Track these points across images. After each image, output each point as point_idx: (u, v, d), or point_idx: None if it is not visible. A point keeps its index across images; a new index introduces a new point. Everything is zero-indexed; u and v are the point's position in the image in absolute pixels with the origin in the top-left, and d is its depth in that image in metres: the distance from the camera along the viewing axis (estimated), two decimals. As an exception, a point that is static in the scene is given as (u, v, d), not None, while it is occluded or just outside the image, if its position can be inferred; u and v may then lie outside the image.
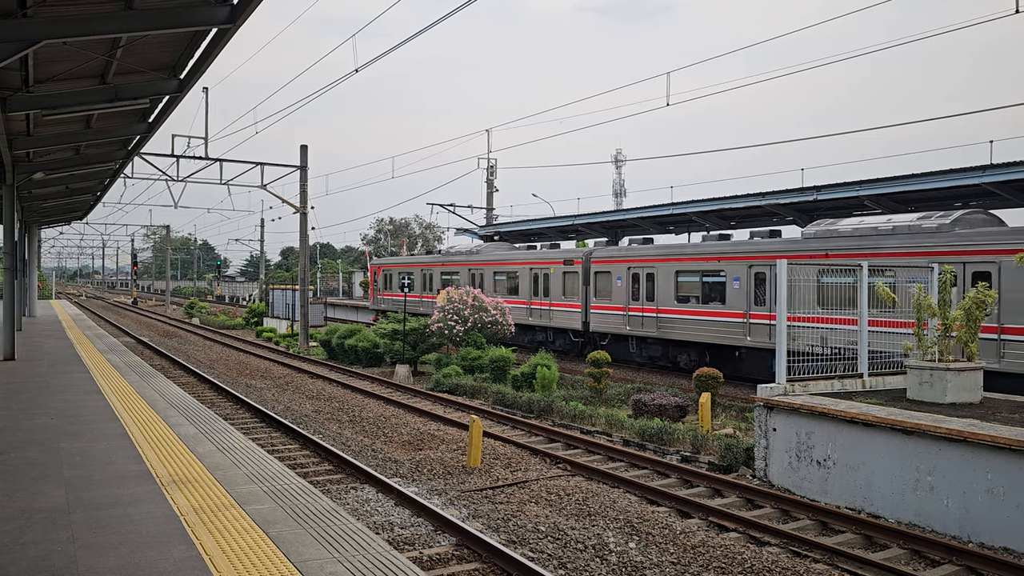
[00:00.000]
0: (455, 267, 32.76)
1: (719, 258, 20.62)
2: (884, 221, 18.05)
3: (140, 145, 19.76)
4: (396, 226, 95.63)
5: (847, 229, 18.38)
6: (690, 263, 21.56)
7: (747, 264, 19.74)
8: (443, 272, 33.66)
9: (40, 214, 36.82)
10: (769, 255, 19.12)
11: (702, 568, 8.12)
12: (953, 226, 16.51)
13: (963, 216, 16.77)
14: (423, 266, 35.67)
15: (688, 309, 21.43)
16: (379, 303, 39.50)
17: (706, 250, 21.40)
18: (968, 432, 9.15)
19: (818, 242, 18.45)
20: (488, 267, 30.45)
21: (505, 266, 29.44)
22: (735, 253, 20.23)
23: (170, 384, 14.94)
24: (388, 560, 5.68)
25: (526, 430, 15.36)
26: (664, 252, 22.80)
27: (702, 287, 21.16)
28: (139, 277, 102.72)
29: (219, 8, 9.79)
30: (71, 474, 7.88)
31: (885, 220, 18.12)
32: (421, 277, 35.47)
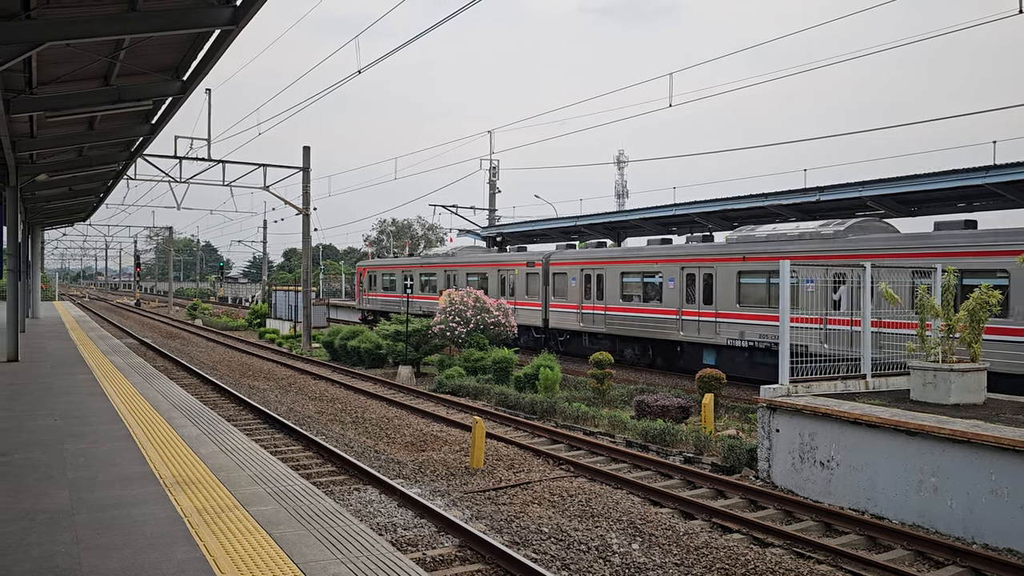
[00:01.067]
0: (433, 268, 34.76)
1: (656, 260, 22.68)
2: (792, 228, 19.97)
3: (143, 147, 19.80)
4: (399, 227, 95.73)
5: (762, 235, 20.30)
6: (633, 265, 23.60)
7: (680, 266, 21.68)
8: (422, 273, 35.72)
9: (43, 215, 36.89)
10: (698, 258, 21.24)
11: (705, 569, 8.11)
12: (847, 232, 18.41)
13: (857, 224, 18.70)
14: (404, 268, 37.56)
15: (631, 307, 23.37)
16: (364, 302, 41.64)
17: (646, 253, 23.43)
18: (972, 433, 9.14)
19: (738, 246, 20.32)
20: (461, 268, 32.25)
21: (476, 267, 31.39)
22: (669, 256, 22.30)
23: (173, 385, 14.95)
24: (391, 561, 5.68)
25: (529, 431, 15.35)
26: (611, 255, 24.90)
27: (643, 287, 23.20)
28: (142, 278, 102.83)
29: (222, 10, 9.81)
30: (75, 475, 7.88)
31: (794, 227, 20.02)
32: (402, 278, 37.10)
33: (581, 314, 25.57)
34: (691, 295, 21.30)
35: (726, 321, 19.92)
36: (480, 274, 30.96)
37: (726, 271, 20.16)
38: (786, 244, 19.16)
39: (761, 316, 19.00)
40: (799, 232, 19.32)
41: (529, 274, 28.24)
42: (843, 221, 19.17)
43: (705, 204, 24.92)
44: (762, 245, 19.79)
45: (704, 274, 21.03)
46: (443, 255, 36.03)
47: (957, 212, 21.10)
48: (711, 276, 20.81)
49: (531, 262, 28.17)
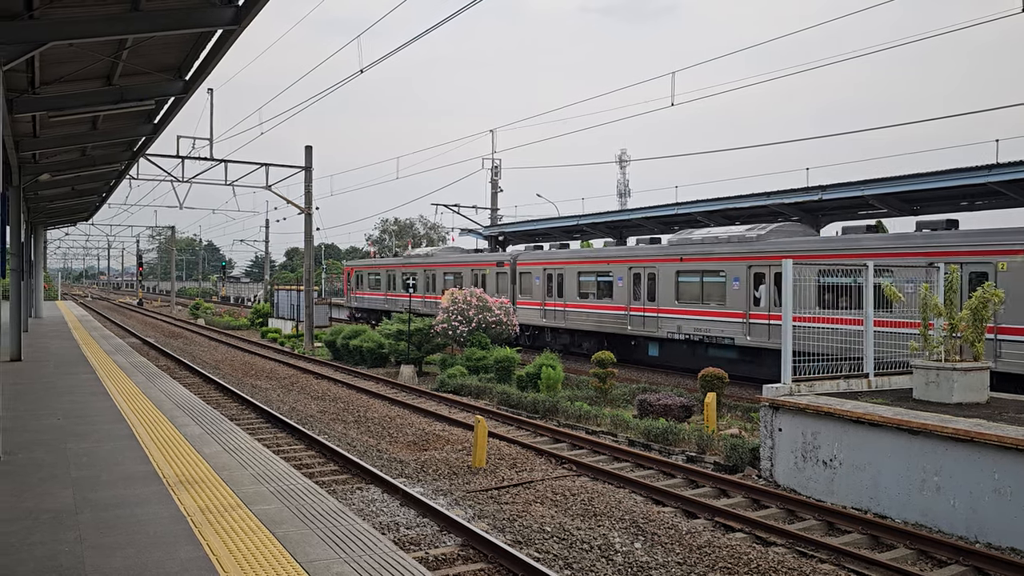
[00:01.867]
0: (413, 268, 36.45)
1: (608, 261, 24.56)
2: (723, 232, 21.62)
3: (146, 146, 19.83)
4: (401, 226, 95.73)
5: (698, 238, 22.10)
6: (588, 265, 25.49)
7: (628, 267, 23.64)
8: (403, 273, 37.22)
9: (46, 215, 36.94)
10: (643, 259, 23.28)
11: (708, 568, 8.12)
12: (768, 236, 20.16)
13: (777, 227, 20.57)
14: (388, 267, 39.62)
15: (588, 304, 25.29)
16: (352, 301, 43.75)
17: (600, 254, 25.38)
18: (975, 432, 9.13)
19: (677, 248, 22.28)
20: (439, 268, 34.16)
21: (452, 267, 33.31)
22: (619, 257, 24.16)
23: (176, 385, 14.98)
24: (394, 560, 5.69)
25: (531, 430, 15.35)
26: (570, 256, 26.81)
27: (597, 285, 25.03)
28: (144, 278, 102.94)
29: (224, 9, 9.83)
30: (78, 475, 7.90)
31: (724, 231, 21.69)
32: (387, 278, 39.38)
33: (544, 310, 27.50)
34: (637, 293, 23.36)
35: (666, 316, 22.10)
36: (456, 273, 32.74)
37: (666, 271, 22.23)
38: (716, 246, 21.00)
39: (695, 311, 21.15)
40: (728, 236, 21.09)
41: (499, 273, 29.92)
42: (766, 225, 21.00)
43: (707, 203, 24.89)
44: (696, 247, 21.68)
45: (648, 273, 23.00)
46: (423, 256, 37.79)
47: (960, 211, 21.07)
48: (654, 275, 22.77)
49: (500, 262, 29.92)
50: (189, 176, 31.60)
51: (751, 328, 19.38)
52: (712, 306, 20.62)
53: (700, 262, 21.19)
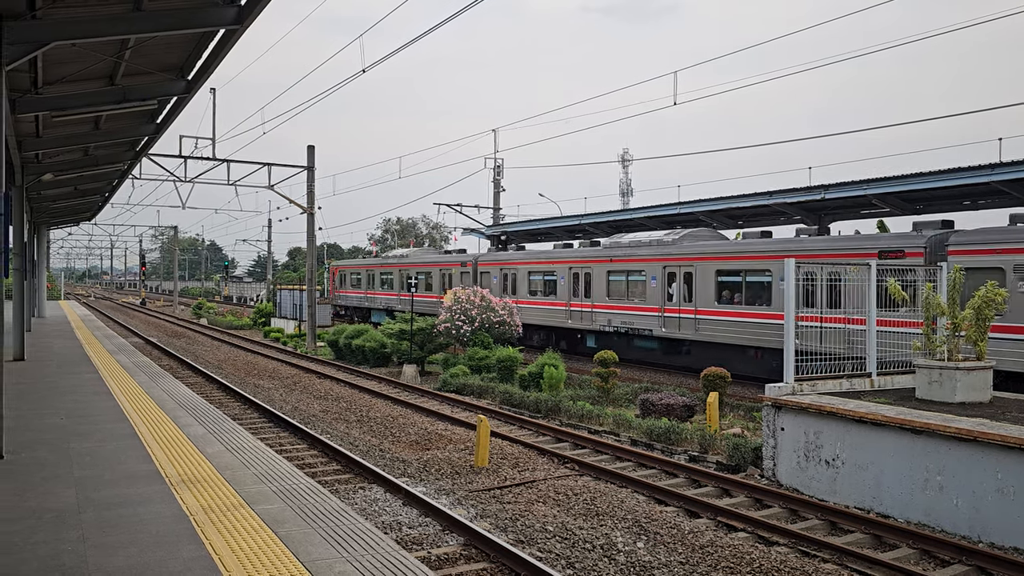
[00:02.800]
0: (390, 268, 39.26)
1: (552, 262, 27.17)
2: (646, 236, 24.40)
3: (148, 146, 19.85)
4: (403, 226, 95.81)
5: (626, 241, 24.77)
6: (537, 265, 28.11)
7: (568, 267, 26.26)
8: (381, 273, 40.23)
9: (49, 215, 36.98)
10: (581, 260, 25.80)
11: (711, 568, 8.11)
12: (682, 240, 22.80)
13: (691, 232, 23.32)
14: (367, 267, 42.44)
15: (537, 300, 27.90)
16: (337, 299, 46.33)
17: (546, 256, 27.96)
18: (978, 431, 9.11)
19: (607, 251, 24.92)
20: (412, 268, 36.30)
21: (424, 267, 35.86)
22: (562, 258, 26.77)
23: (179, 384, 14.99)
24: (397, 560, 5.69)
25: (533, 430, 15.35)
26: (522, 257, 29.46)
27: (544, 284, 27.68)
28: (147, 278, 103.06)
29: (227, 9, 9.83)
30: (81, 474, 7.91)
31: (647, 236, 24.38)
32: (367, 277, 42.04)
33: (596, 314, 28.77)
34: (576, 290, 25.93)
35: (599, 311, 24.76)
36: (427, 273, 35.41)
37: (599, 270, 24.81)
38: (639, 249, 23.70)
39: (622, 307, 23.74)
40: (649, 239, 23.90)
41: (463, 273, 32.45)
42: (680, 230, 23.62)
43: (709, 202, 24.87)
44: (624, 249, 24.25)
45: (585, 273, 25.59)
46: (398, 257, 40.54)
47: (963, 210, 21.04)
48: (589, 275, 25.35)
49: (464, 263, 32.67)
50: (192, 176, 31.65)
51: (666, 321, 22.06)
52: (635, 302, 23.33)
53: (626, 263, 23.90)
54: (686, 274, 21.50)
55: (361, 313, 42.87)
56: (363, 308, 42.21)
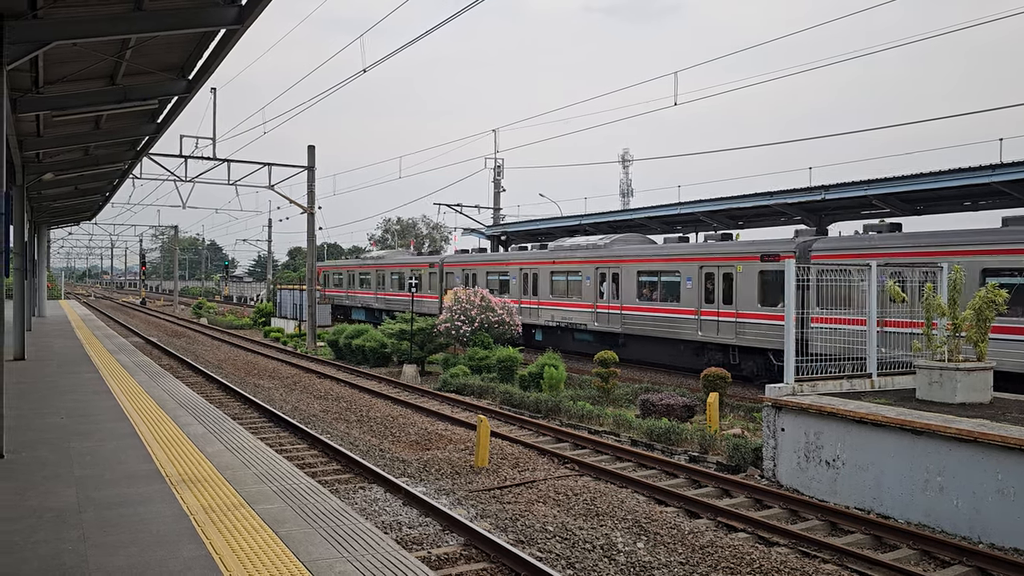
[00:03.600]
0: (368, 269, 42.65)
1: (506, 263, 30.51)
2: (584, 240, 27.39)
3: (149, 146, 19.85)
4: (403, 226, 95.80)
5: (568, 245, 27.86)
6: (493, 266, 31.31)
7: (519, 267, 29.28)
8: (360, 273, 43.54)
9: (49, 214, 36.98)
10: (529, 261, 29.01)
11: (711, 568, 8.11)
12: (612, 244, 25.64)
13: (621, 237, 26.24)
14: (348, 268, 45.89)
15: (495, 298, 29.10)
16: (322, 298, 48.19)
17: (500, 258, 31.60)
18: (978, 432, 9.11)
19: (552, 253, 27.91)
20: (387, 269, 40.08)
21: (397, 268, 38.91)
22: (513, 260, 30.15)
23: (179, 384, 15.00)
24: (397, 559, 5.69)
25: (534, 430, 15.35)
26: (481, 259, 32.76)
27: (499, 283, 30.45)
28: (147, 277, 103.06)
29: (228, 9, 9.83)
30: (81, 473, 7.91)
31: (585, 240, 27.46)
32: (348, 277, 45.37)
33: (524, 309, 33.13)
34: (526, 288, 28.76)
35: (544, 308, 27.65)
36: (399, 273, 38.26)
37: (545, 271, 27.73)
38: (577, 252, 26.50)
39: (563, 304, 26.68)
40: (587, 243, 26.73)
41: (431, 273, 35.40)
42: (611, 236, 26.89)
43: (710, 203, 24.88)
44: (566, 252, 27.13)
45: (533, 273, 28.46)
46: (375, 258, 44.17)
47: (963, 211, 21.04)
48: (536, 275, 28.24)
49: (432, 263, 35.65)
50: (192, 176, 31.65)
51: (598, 316, 24.59)
52: (574, 299, 26.04)
53: (567, 264, 26.73)
54: (614, 275, 24.45)
55: (343, 311, 45.80)
56: (344, 306, 45.43)
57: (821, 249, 18.37)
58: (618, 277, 24.26)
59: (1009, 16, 15.83)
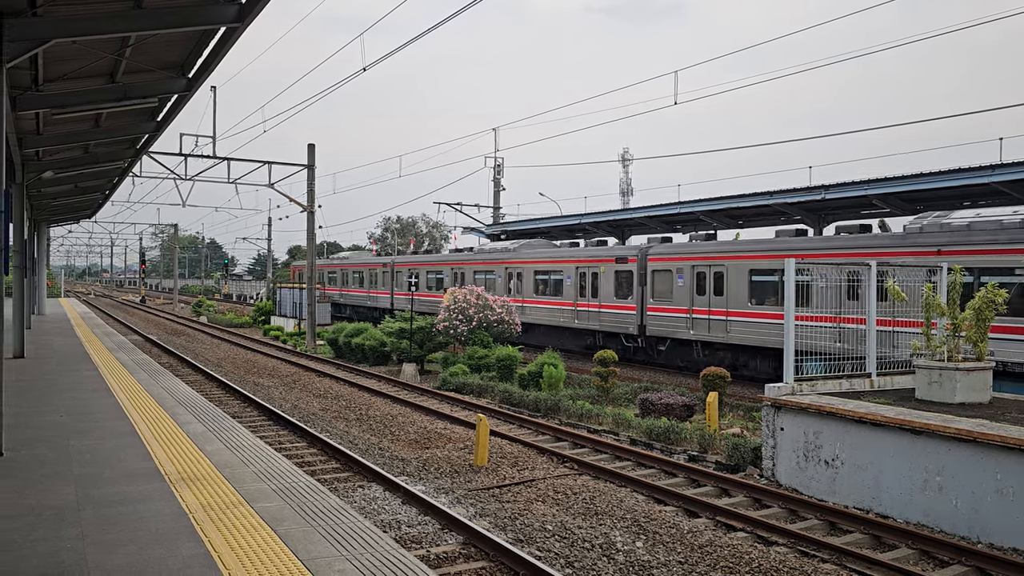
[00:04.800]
0: (335, 268, 47.75)
1: (441, 264, 35.79)
2: (500, 246, 33.00)
3: (148, 144, 19.83)
4: (403, 225, 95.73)
5: (487, 249, 33.80)
6: (431, 267, 36.30)
7: (450, 267, 34.64)
8: (328, 272, 48.29)
9: (49, 212, 36.97)
10: (455, 262, 34.31)
11: (709, 567, 8.11)
12: (520, 248, 30.53)
13: (527, 243, 31.30)
14: (319, 267, 48.48)
15: (431, 294, 34.84)
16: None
17: (436, 259, 36.95)
18: (978, 432, 9.11)
19: (476, 255, 33.42)
20: (350, 268, 45.47)
21: (358, 267, 44.43)
22: (443, 261, 35.86)
23: (178, 382, 15.00)
24: (396, 558, 5.69)
25: (533, 429, 15.35)
26: (424, 260, 37.59)
27: (436, 280, 35.68)
28: (147, 275, 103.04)
29: (228, 7, 9.82)
30: (80, 471, 7.91)
31: (501, 245, 33.14)
32: (319, 275, 48.29)
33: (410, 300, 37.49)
34: (456, 283, 32.89)
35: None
36: (360, 272, 43.61)
37: (470, 270, 32.76)
38: (493, 254, 31.95)
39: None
40: (502, 247, 32.06)
41: (384, 272, 40.41)
42: (520, 241, 32.08)
43: (710, 202, 24.88)
44: (486, 254, 32.78)
45: (461, 272, 33.44)
46: (341, 259, 49.57)
47: (963, 211, 21.01)
48: (464, 274, 33.23)
49: (385, 264, 40.77)
50: (192, 174, 31.66)
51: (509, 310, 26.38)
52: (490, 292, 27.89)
53: (486, 264, 31.86)
54: (519, 273, 29.37)
55: None
56: None
57: (654, 254, 23.43)
58: (521, 275, 29.24)
59: (1009, 16, 15.83)
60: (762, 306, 19.75)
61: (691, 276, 21.73)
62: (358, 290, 43.53)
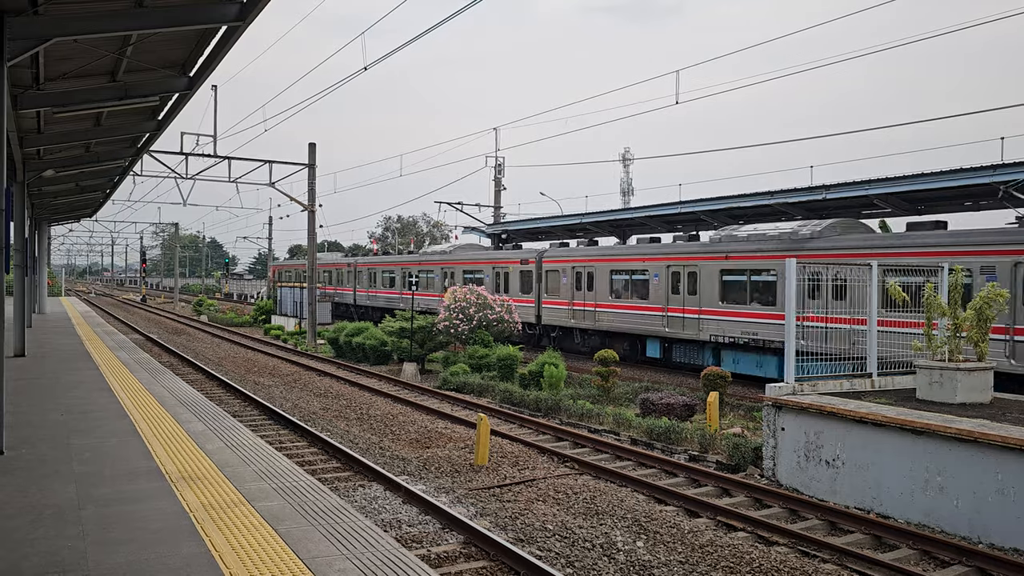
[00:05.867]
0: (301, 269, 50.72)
1: (394, 264, 40.53)
2: (439, 248, 38.89)
3: (149, 143, 19.82)
4: (404, 224, 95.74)
5: (430, 252, 38.58)
6: (388, 267, 40.98)
7: (400, 268, 39.06)
8: (298, 272, 51.67)
9: (50, 211, 36.98)
10: (407, 263, 38.29)
11: (710, 568, 8.11)
12: (454, 251, 36.15)
13: (460, 246, 37.37)
14: (294, 267, 55.61)
15: (386, 291, 40.85)
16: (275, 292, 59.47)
17: (388, 260, 41.94)
18: (979, 432, 9.11)
19: (420, 257, 38.25)
20: (320, 268, 47.89)
21: (327, 267, 49.00)
22: (398, 262, 40.29)
23: (179, 381, 15.00)
24: (396, 557, 5.69)
25: (533, 428, 15.35)
26: (379, 261, 42.99)
27: (389, 279, 40.62)
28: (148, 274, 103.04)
29: (229, 6, 9.80)
30: (81, 470, 7.91)
31: (439, 248, 38.54)
32: (295, 274, 53.87)
33: (368, 295, 43.24)
34: (400, 283, 38.49)
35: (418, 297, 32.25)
36: (329, 271, 48.65)
37: (415, 269, 35.32)
38: (433, 256, 37.09)
39: (426, 294, 34.65)
40: (440, 251, 37.55)
41: (347, 272, 45.74)
42: (455, 244, 37.90)
43: (710, 202, 24.85)
44: (427, 256, 37.76)
45: (407, 272, 36.28)
46: None
47: (964, 211, 21.01)
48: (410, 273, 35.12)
49: (349, 264, 46.06)
50: (193, 173, 31.60)
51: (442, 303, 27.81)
52: (431, 291, 34.67)
53: (426, 265, 36.43)
54: (452, 273, 34.14)
55: None
56: None
57: (548, 256, 28.17)
58: (454, 274, 33.89)
59: (1009, 16, 15.81)
60: (619, 299, 24.39)
61: (572, 276, 26.77)
62: (326, 287, 48.25)
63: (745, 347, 20.19)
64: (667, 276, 22.08)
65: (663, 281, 22.14)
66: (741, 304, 20.24)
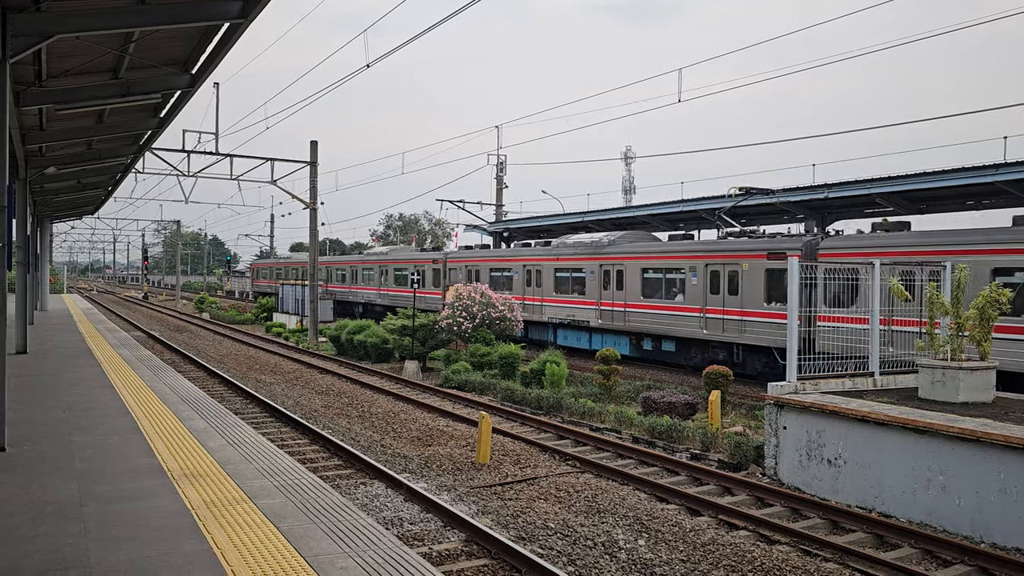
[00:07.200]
0: (282, 266, 58.17)
1: (361, 262, 43.59)
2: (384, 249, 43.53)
3: (151, 140, 19.82)
4: (405, 222, 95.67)
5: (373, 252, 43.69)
6: (356, 264, 44.06)
7: (374, 265, 41.73)
8: (276, 269, 58.65)
9: (52, 208, 37.00)
10: (376, 261, 41.68)
11: (712, 566, 8.10)
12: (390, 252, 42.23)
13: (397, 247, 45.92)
14: (270, 265, 61.46)
15: (358, 287, 43.31)
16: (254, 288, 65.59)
17: (345, 259, 46.55)
18: (981, 431, 9.09)
19: (389, 255, 41.93)
20: (290, 266, 54.98)
21: (292, 266, 53.39)
22: (365, 259, 43.62)
23: (180, 378, 15.00)
24: (398, 555, 5.69)
25: (535, 427, 15.35)
26: (344, 259, 47.47)
27: (341, 276, 45.45)
28: (150, 272, 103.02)
29: (231, 3, 9.79)
30: (83, 467, 7.91)
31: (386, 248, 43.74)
32: (271, 271, 59.93)
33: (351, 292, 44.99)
34: (380, 280, 40.94)
35: (386, 293, 40.03)
36: (298, 269, 51.47)
37: (361, 268, 41.92)
38: (374, 256, 42.36)
39: (396, 290, 38.70)
40: (378, 252, 42.97)
41: None
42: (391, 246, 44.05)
43: (711, 200, 24.82)
44: (371, 256, 43.00)
45: (355, 270, 43.21)
46: (285, 259, 62.66)
47: (966, 210, 20.97)
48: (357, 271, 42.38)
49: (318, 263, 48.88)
50: (195, 170, 31.63)
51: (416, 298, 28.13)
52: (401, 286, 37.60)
53: (369, 264, 41.42)
54: (386, 271, 39.64)
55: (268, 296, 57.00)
56: (267, 292, 56.45)
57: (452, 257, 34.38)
58: (388, 272, 39.22)
59: (1009, 16, 15.79)
60: (498, 290, 27.11)
61: (464, 272, 32.87)
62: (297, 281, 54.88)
63: (570, 325, 26.81)
64: (523, 273, 29.50)
65: (521, 277, 29.52)
66: (566, 294, 26.94)
